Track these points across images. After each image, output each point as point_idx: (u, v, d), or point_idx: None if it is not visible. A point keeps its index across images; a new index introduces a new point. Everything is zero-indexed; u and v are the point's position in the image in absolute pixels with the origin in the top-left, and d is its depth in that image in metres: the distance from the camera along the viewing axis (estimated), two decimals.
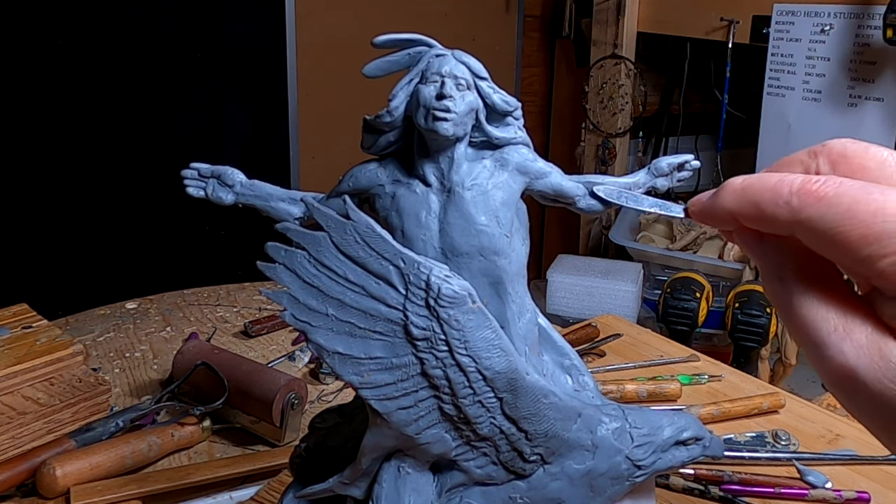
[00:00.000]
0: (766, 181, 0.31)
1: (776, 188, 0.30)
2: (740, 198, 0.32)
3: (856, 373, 0.29)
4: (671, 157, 0.54)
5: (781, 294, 0.32)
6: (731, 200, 0.32)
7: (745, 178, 0.32)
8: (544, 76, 2.71)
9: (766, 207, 0.31)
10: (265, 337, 1.11)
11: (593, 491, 0.49)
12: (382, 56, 0.47)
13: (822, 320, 0.30)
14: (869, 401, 0.29)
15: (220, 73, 1.96)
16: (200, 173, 0.54)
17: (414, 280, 0.41)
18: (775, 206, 0.30)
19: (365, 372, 0.41)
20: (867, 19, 1.61)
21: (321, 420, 0.54)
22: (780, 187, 0.30)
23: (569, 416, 0.47)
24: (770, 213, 0.30)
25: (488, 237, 0.46)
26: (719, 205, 0.33)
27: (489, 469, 0.46)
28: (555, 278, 1.67)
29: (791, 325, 0.31)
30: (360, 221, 0.41)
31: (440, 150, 0.46)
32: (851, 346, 0.29)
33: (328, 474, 0.49)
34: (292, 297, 0.42)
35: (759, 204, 0.31)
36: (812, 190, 0.29)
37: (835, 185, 0.29)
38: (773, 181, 0.31)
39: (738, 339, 1.50)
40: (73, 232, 1.83)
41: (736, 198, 0.32)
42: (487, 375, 0.42)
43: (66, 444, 0.77)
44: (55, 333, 0.92)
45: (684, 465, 0.52)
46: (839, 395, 0.30)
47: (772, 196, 0.30)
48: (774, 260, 0.32)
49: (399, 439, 0.44)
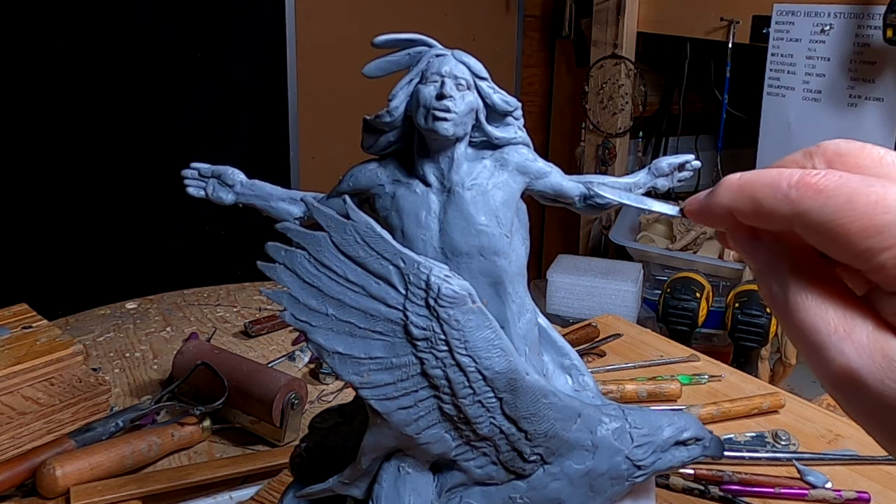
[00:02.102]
0: (764, 176, 0.30)
1: (775, 182, 0.30)
2: (738, 193, 0.31)
3: (858, 374, 0.28)
4: (672, 158, 0.54)
5: (778, 295, 0.31)
6: (728, 196, 0.31)
7: (743, 174, 0.31)
8: (544, 76, 2.71)
9: (764, 201, 0.30)
10: (265, 337, 1.10)
11: (593, 491, 0.49)
12: (382, 56, 0.47)
13: (821, 321, 0.29)
14: (871, 402, 0.28)
15: (220, 73, 1.96)
16: (201, 173, 0.54)
17: (414, 280, 0.41)
18: (774, 200, 0.29)
19: (365, 372, 0.41)
20: (867, 19, 1.61)
21: (321, 420, 0.54)
22: (779, 181, 0.29)
23: (569, 416, 0.47)
24: (769, 208, 0.30)
25: (488, 237, 0.46)
26: (716, 202, 0.32)
27: (489, 469, 0.46)
28: (555, 278, 1.67)
29: (788, 326, 0.31)
30: (360, 221, 0.41)
31: (440, 150, 0.46)
32: (853, 347, 0.28)
33: (328, 474, 0.49)
34: (292, 296, 0.42)
35: (758, 198, 0.30)
36: (811, 182, 0.28)
37: (835, 178, 0.28)
38: (771, 175, 0.30)
39: (738, 339, 1.50)
40: (73, 232, 1.83)
41: (733, 194, 0.31)
42: (487, 375, 0.42)
43: (66, 444, 0.77)
44: (55, 333, 0.92)
45: (684, 465, 0.52)
46: (840, 397, 0.30)
47: (770, 190, 0.30)
48: (770, 260, 0.32)
49: (399, 439, 0.44)
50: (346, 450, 0.50)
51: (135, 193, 1.86)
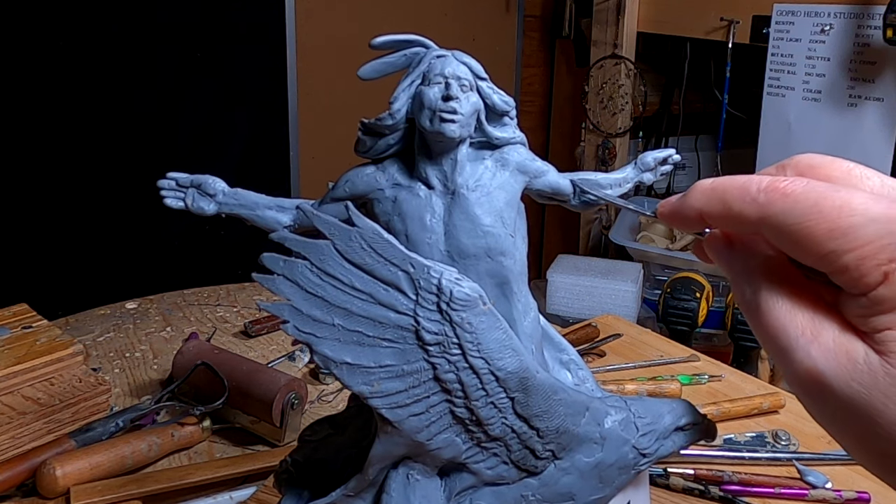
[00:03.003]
0: (734, 180, 0.31)
1: (744, 186, 0.31)
2: (709, 196, 0.32)
3: (823, 376, 0.29)
4: (656, 152, 0.55)
5: (750, 301, 0.32)
6: (699, 199, 0.32)
7: (715, 179, 0.32)
8: (544, 76, 2.71)
9: (733, 204, 0.31)
10: (265, 337, 1.10)
11: (602, 482, 0.49)
12: (378, 58, 0.47)
13: (790, 324, 0.30)
14: (835, 405, 0.29)
15: (220, 73, 1.95)
16: (178, 183, 0.52)
17: (424, 285, 0.40)
18: (742, 203, 0.30)
19: (375, 381, 0.41)
20: (867, 19, 1.61)
21: (311, 433, 0.53)
22: (749, 185, 0.30)
23: (578, 410, 0.47)
24: (737, 210, 0.31)
25: (494, 238, 0.45)
26: (688, 204, 0.33)
27: (500, 469, 0.46)
28: (555, 278, 1.67)
29: (759, 331, 0.32)
30: (365, 227, 0.40)
31: (443, 153, 0.45)
32: (819, 349, 0.29)
33: (319, 487, 0.48)
34: (294, 308, 0.40)
35: (727, 202, 0.31)
36: (779, 187, 0.29)
37: (802, 184, 0.29)
38: (741, 180, 0.31)
39: (738, 339, 1.50)
40: (73, 232, 1.83)
41: (705, 197, 0.32)
42: (500, 376, 0.42)
43: (66, 444, 0.77)
44: (55, 333, 0.92)
45: (683, 448, 0.52)
46: (806, 399, 0.30)
47: (739, 193, 0.31)
48: (741, 267, 0.33)
49: (410, 447, 0.43)
50: (339, 461, 0.50)
51: (135, 193, 1.86)
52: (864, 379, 0.28)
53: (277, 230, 0.48)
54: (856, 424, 0.28)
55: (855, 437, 0.29)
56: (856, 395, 0.28)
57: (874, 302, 0.28)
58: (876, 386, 0.27)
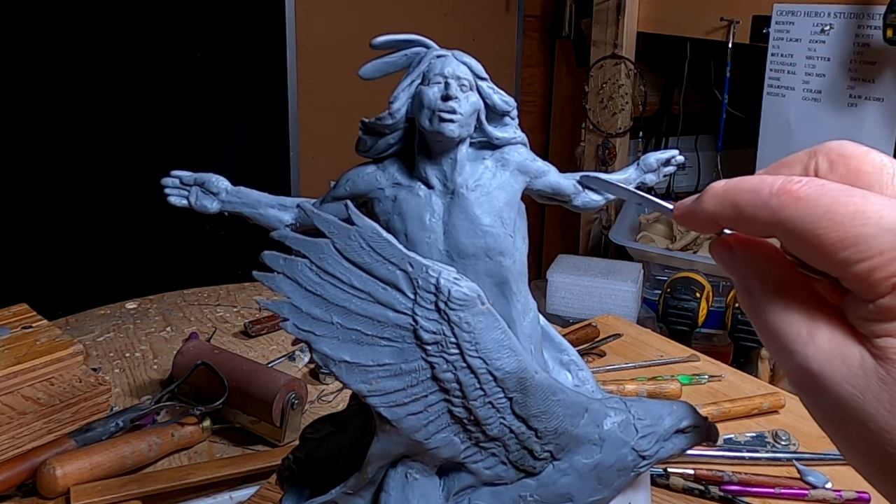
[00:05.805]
0: (746, 182, 0.31)
1: (756, 189, 0.30)
2: (721, 200, 0.32)
3: (819, 377, 0.29)
4: (658, 153, 0.54)
5: (752, 305, 0.32)
6: (712, 203, 0.32)
7: (728, 181, 0.32)
8: (544, 76, 2.71)
9: (745, 208, 0.30)
10: (265, 337, 1.10)
11: (601, 484, 0.49)
12: (378, 57, 0.47)
13: (789, 326, 0.30)
14: (829, 405, 0.29)
15: (220, 73, 1.95)
16: (182, 181, 0.52)
17: (423, 284, 0.40)
18: (754, 207, 0.30)
19: (373, 380, 0.41)
20: (867, 19, 1.61)
21: (313, 430, 0.53)
22: (761, 188, 0.30)
23: (577, 411, 0.47)
24: (749, 214, 0.30)
25: (493, 238, 0.45)
26: (701, 208, 0.33)
27: (498, 469, 0.46)
28: (555, 278, 1.67)
29: (762, 333, 0.32)
30: (364, 227, 0.40)
31: (443, 152, 0.46)
32: (815, 351, 0.29)
33: (321, 485, 0.48)
34: (294, 306, 0.41)
35: (739, 205, 0.31)
36: (792, 190, 0.29)
37: (816, 187, 0.29)
38: (753, 182, 0.30)
39: (738, 339, 1.50)
40: (73, 232, 1.83)
41: (717, 200, 0.32)
42: (498, 376, 0.42)
43: (66, 444, 0.77)
44: (55, 333, 0.92)
45: (683, 451, 0.52)
46: (804, 399, 0.31)
47: (751, 197, 0.30)
48: (743, 272, 0.33)
49: (408, 446, 0.43)
50: (340, 459, 0.50)
51: (135, 193, 1.86)
52: (858, 382, 0.28)
53: (279, 228, 0.48)
54: (848, 426, 0.29)
55: (846, 438, 0.30)
56: (849, 397, 0.28)
57: (880, 309, 0.28)
58: (869, 389, 0.28)
